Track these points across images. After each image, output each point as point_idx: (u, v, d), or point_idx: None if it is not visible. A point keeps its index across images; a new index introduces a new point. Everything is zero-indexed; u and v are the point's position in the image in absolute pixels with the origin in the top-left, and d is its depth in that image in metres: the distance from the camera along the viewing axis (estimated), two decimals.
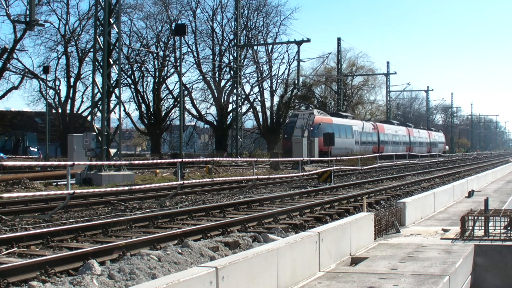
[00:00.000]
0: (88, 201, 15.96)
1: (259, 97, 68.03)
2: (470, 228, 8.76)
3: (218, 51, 63.30)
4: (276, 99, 70.30)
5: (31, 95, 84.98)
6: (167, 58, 61.72)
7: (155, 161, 31.65)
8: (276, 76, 69.06)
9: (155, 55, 61.91)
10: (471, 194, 16.06)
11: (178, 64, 47.18)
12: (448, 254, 7.46)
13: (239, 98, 53.59)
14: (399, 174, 31.41)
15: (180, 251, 8.04)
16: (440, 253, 7.58)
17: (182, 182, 17.46)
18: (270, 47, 65.91)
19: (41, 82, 55.14)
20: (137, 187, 17.76)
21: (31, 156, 45.08)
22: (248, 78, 64.72)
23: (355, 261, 7.30)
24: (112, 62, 24.10)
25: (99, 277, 6.73)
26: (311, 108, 64.74)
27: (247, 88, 64.63)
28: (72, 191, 13.84)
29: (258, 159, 30.58)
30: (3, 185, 19.69)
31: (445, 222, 10.78)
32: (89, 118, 50.17)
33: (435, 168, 40.30)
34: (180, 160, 20.17)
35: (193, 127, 71.71)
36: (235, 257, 5.23)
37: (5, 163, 17.33)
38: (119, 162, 23.29)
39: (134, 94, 62.11)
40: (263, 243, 9.06)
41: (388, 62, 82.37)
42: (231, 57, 60.04)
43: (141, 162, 34.51)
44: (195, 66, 62.39)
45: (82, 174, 22.49)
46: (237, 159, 36.64)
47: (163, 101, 63.53)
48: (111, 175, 22.77)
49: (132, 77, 61.24)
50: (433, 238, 8.84)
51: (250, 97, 65.63)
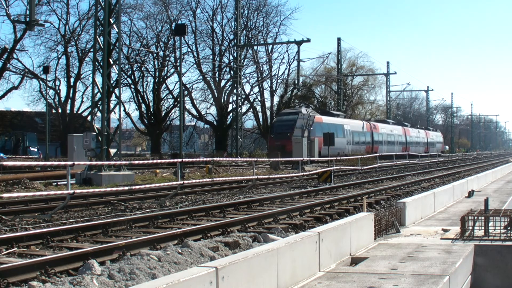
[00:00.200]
0: (88, 201, 15.96)
1: (259, 97, 68.05)
2: (470, 228, 8.76)
3: (218, 51, 63.34)
4: (276, 99, 70.35)
5: (31, 95, 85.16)
6: (167, 58, 61.75)
7: (155, 161, 31.64)
8: (276, 76, 69.10)
9: (155, 55, 61.95)
10: (471, 194, 16.06)
11: (178, 64, 47.23)
12: (448, 254, 7.46)
13: (239, 98, 53.60)
14: (399, 174, 31.42)
15: (180, 251, 8.04)
16: (440, 253, 7.58)
17: (182, 182, 17.47)
18: (270, 47, 65.95)
19: (41, 82, 55.18)
20: (137, 187, 17.76)
21: (31, 156, 45.07)
22: (248, 78, 64.78)
23: (355, 261, 7.30)
24: (112, 62, 24.10)
25: (99, 277, 6.73)
26: (311, 107, 64.58)
27: (247, 88, 64.70)
28: (72, 191, 13.84)
29: (258, 159, 30.59)
30: (3, 185, 19.70)
31: (445, 222, 10.78)
32: (89, 118, 50.17)
33: (435, 168, 40.30)
34: (180, 160, 20.18)
35: (193, 127, 71.71)
36: (235, 257, 5.23)
37: (5, 163, 17.33)
38: (119, 162, 23.29)
39: (134, 94, 62.18)
40: (263, 243, 9.06)
41: (388, 62, 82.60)
42: (231, 57, 60.07)
43: (141, 162, 34.51)
44: (195, 66, 62.47)
45: (82, 174, 22.50)
46: (237, 159, 36.64)
47: (163, 101, 63.55)
48: (111, 175, 22.78)
49: (132, 77, 61.26)
50: (433, 238, 8.84)
51: (250, 97, 65.64)
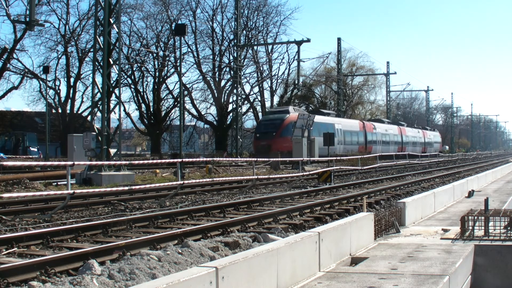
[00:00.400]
0: (88, 201, 15.96)
1: (259, 97, 68.12)
2: (470, 228, 8.76)
3: (218, 51, 63.36)
4: (276, 99, 70.43)
5: (31, 95, 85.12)
6: (167, 58, 61.75)
7: (155, 161, 31.64)
8: (276, 76, 69.20)
9: (155, 55, 61.95)
10: (471, 194, 16.06)
11: (178, 64, 47.23)
12: (448, 254, 7.46)
13: (239, 98, 53.61)
14: (399, 174, 31.42)
15: (180, 251, 8.03)
16: (440, 253, 7.58)
17: (182, 182, 17.46)
18: (270, 47, 66.04)
19: (41, 82, 55.19)
20: (137, 187, 17.75)
21: (31, 156, 45.07)
22: (248, 78, 64.84)
23: (355, 261, 7.30)
24: (112, 62, 24.10)
25: (99, 277, 6.73)
26: (311, 108, 64.59)
27: (247, 88, 64.76)
28: (72, 191, 13.84)
29: (258, 159, 30.57)
30: (3, 185, 19.69)
31: (445, 222, 10.78)
32: (89, 118, 50.18)
33: (435, 168, 40.30)
34: (180, 160, 20.17)
35: (193, 127, 71.72)
36: (235, 257, 5.23)
37: (5, 163, 17.33)
38: (119, 162, 23.29)
39: (134, 94, 62.20)
40: (263, 243, 9.06)
41: (388, 62, 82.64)
42: (231, 57, 60.08)
43: (141, 162, 34.50)
44: (195, 66, 62.50)
45: (82, 174, 22.49)
46: (237, 159, 36.63)
47: (163, 101, 63.55)
48: (111, 175, 22.78)
49: (132, 77, 61.26)
50: (433, 238, 8.83)
51: (250, 97, 65.71)
